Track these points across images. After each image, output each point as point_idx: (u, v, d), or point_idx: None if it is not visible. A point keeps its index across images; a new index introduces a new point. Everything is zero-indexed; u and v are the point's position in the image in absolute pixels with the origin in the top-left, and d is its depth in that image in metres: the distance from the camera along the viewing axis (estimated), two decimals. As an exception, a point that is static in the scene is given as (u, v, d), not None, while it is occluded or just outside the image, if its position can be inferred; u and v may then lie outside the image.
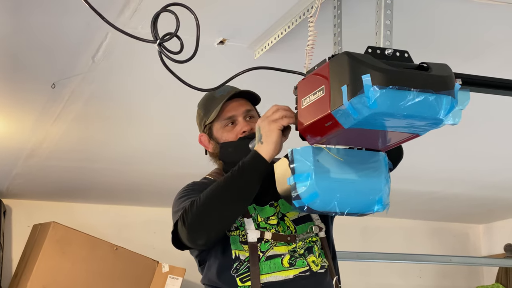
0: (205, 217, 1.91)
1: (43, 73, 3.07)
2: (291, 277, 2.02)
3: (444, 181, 5.26)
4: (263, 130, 1.89)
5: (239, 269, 2.02)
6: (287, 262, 2.03)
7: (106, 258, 5.05)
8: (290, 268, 2.03)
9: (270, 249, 2.04)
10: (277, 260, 2.03)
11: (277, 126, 1.88)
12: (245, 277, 2.01)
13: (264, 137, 1.89)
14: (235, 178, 1.92)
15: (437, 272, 6.83)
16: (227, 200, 1.92)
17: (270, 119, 1.89)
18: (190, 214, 1.91)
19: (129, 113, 3.68)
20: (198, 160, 4.68)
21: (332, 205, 1.80)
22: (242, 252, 2.04)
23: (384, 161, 1.90)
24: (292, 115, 1.88)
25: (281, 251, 2.04)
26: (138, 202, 5.88)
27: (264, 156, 1.89)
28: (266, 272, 2.01)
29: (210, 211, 1.91)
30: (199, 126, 2.26)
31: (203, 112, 2.22)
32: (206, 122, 2.20)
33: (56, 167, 4.65)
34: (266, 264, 2.02)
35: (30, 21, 2.57)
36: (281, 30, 2.56)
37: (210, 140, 2.20)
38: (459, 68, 1.97)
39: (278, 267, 2.02)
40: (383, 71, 1.61)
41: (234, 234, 2.06)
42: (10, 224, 5.71)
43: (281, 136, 1.89)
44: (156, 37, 1.72)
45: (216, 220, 1.93)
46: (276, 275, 2.02)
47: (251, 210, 2.09)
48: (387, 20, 1.84)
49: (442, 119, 1.66)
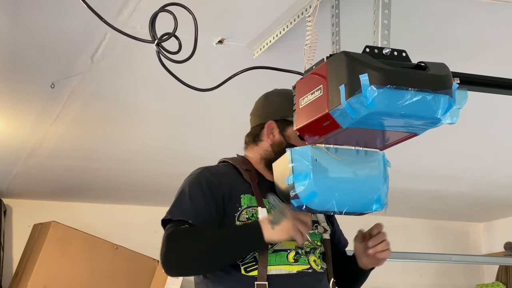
0: (183, 264, 1.98)
1: (43, 73, 3.07)
2: (294, 272, 2.04)
3: (444, 179, 5.26)
4: (285, 224, 1.93)
5: (245, 258, 2.01)
6: (292, 257, 2.05)
7: (106, 258, 5.05)
8: (294, 263, 2.04)
9: (278, 243, 2.03)
10: (283, 254, 2.04)
11: (292, 232, 1.93)
12: (250, 267, 2.01)
13: (280, 228, 1.92)
14: (229, 242, 1.96)
15: (437, 270, 6.83)
16: (211, 258, 1.97)
17: (296, 226, 1.93)
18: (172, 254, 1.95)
19: (129, 113, 3.69)
20: (197, 159, 4.69)
21: (331, 205, 1.80)
22: None
23: (383, 160, 1.90)
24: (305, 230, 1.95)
25: (288, 246, 2.05)
26: (138, 201, 5.88)
27: (266, 239, 1.94)
28: (272, 264, 2.02)
29: (191, 262, 1.98)
30: (269, 114, 2.15)
31: (288, 105, 1.96)
32: (288, 117, 2.08)
33: (56, 166, 4.66)
34: (273, 256, 2.03)
35: (29, 21, 2.57)
36: (279, 29, 2.56)
37: (280, 133, 2.12)
38: (456, 67, 1.96)
39: (283, 261, 2.03)
40: (381, 70, 1.61)
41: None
42: (11, 224, 5.71)
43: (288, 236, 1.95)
44: (154, 37, 1.72)
45: (192, 270, 2.04)
46: (281, 268, 2.03)
47: (265, 201, 2.07)
48: (384, 19, 1.84)
49: (439, 118, 1.67)
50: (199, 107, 3.58)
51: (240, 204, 2.05)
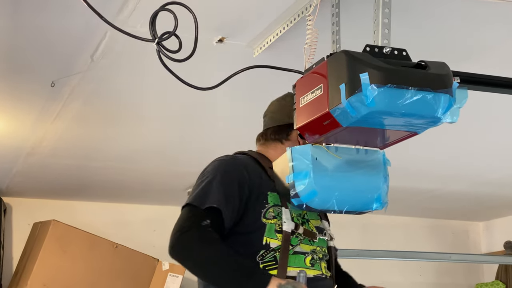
0: (186, 264, 1.97)
1: (43, 72, 3.07)
2: (311, 276, 2.02)
3: (444, 178, 5.26)
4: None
5: (265, 257, 1.98)
6: (309, 262, 2.04)
7: (106, 256, 5.05)
8: (310, 268, 2.04)
9: (298, 244, 2.03)
10: (301, 257, 2.03)
11: None
12: (269, 265, 1.98)
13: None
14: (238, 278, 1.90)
15: (437, 269, 6.83)
16: (213, 279, 1.96)
17: None
18: (182, 252, 1.94)
19: (129, 112, 3.69)
20: (197, 159, 4.69)
21: (331, 203, 1.81)
22: (274, 240, 1.99)
23: (383, 159, 1.90)
24: None
25: (306, 249, 2.05)
26: (138, 200, 5.88)
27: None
28: (291, 266, 2.00)
29: (193, 268, 1.97)
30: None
31: None
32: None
33: (56, 165, 4.66)
34: (292, 257, 2.01)
35: (29, 20, 2.57)
36: (279, 28, 2.56)
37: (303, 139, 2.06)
38: (457, 66, 1.97)
39: (301, 263, 2.02)
40: (381, 69, 1.61)
41: (271, 222, 2.01)
42: (11, 222, 5.71)
43: None
44: (154, 36, 1.73)
45: (190, 271, 1.99)
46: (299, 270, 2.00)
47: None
48: (385, 18, 1.84)
49: (440, 117, 1.67)
50: (199, 105, 3.57)
51: (267, 201, 2.01)
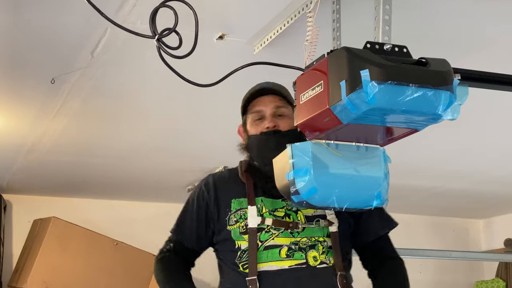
0: None
1: (43, 69, 3.07)
2: (286, 267, 2.06)
3: (444, 176, 5.26)
4: None
5: (242, 258, 2.11)
6: (285, 253, 2.08)
7: (106, 253, 5.06)
8: (286, 259, 2.07)
9: (269, 239, 2.09)
10: (275, 251, 2.08)
11: None
12: (245, 264, 2.09)
13: None
14: None
15: (437, 267, 6.84)
16: None
17: None
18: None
19: (129, 108, 3.68)
20: (197, 156, 4.68)
21: (331, 200, 1.80)
22: (243, 242, 2.11)
23: (383, 156, 1.90)
24: None
25: (281, 242, 2.08)
26: (138, 197, 5.89)
27: None
28: (263, 261, 2.07)
29: None
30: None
31: (241, 104, 2.26)
32: (242, 115, 2.26)
33: (56, 162, 4.66)
34: (264, 253, 2.08)
35: (29, 16, 2.57)
36: (280, 25, 2.56)
37: (244, 131, 2.26)
38: (457, 63, 1.96)
39: (275, 257, 2.07)
40: (382, 66, 1.61)
41: (234, 227, 2.13)
42: (11, 219, 5.72)
43: None
44: (154, 33, 1.72)
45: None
46: (272, 264, 2.06)
47: (257, 201, 2.14)
48: (385, 15, 1.83)
49: (440, 114, 1.66)
50: (199, 103, 3.57)
51: (230, 209, 2.16)
